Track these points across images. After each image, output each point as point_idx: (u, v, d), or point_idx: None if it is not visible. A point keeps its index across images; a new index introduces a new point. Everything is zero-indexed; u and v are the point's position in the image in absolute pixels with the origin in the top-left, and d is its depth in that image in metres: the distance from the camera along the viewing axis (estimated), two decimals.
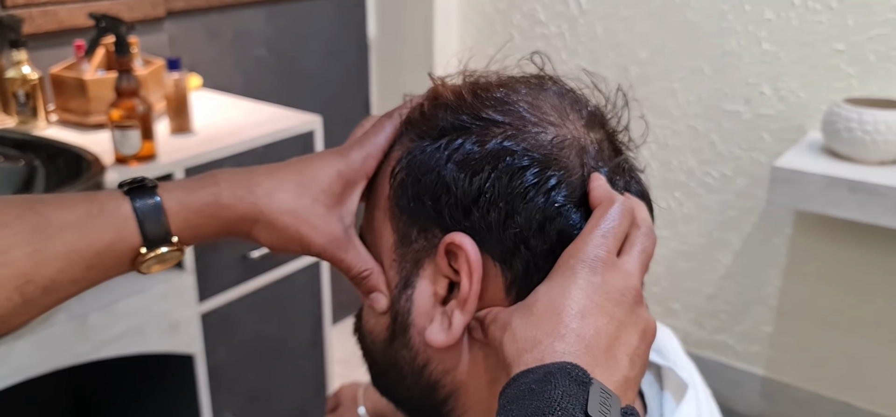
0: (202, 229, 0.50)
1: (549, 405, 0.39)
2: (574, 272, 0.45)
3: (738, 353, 2.13)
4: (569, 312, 0.44)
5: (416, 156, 0.51)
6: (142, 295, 1.30)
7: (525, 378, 0.41)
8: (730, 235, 2.04)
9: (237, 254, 1.46)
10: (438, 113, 0.52)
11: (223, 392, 1.49)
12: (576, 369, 0.41)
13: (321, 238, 0.52)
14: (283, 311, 1.59)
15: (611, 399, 0.41)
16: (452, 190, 0.49)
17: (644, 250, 0.48)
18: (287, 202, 0.51)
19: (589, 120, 0.52)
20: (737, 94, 1.93)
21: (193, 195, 0.50)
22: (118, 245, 0.47)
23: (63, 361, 1.20)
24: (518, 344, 0.44)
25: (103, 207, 0.48)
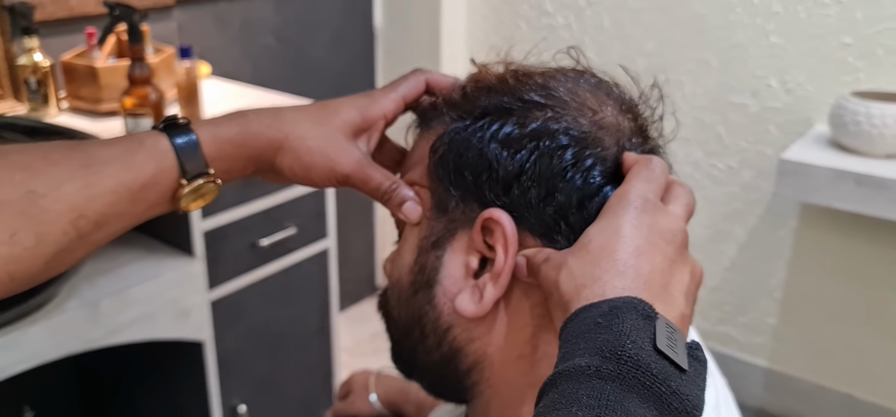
0: (233, 160, 0.53)
1: (620, 338, 0.39)
2: (625, 212, 0.46)
3: (741, 345, 2.14)
4: (624, 249, 0.44)
5: (458, 132, 0.53)
6: (153, 282, 1.31)
7: (589, 312, 0.42)
8: (735, 227, 2.05)
9: (246, 243, 1.47)
10: (480, 95, 0.53)
11: (232, 380, 1.51)
12: (642, 304, 0.41)
13: (345, 159, 0.55)
14: (291, 299, 1.60)
15: (676, 334, 0.41)
16: (494, 166, 0.50)
17: (688, 204, 0.49)
18: (310, 129, 0.55)
19: (624, 108, 0.54)
20: (744, 87, 1.93)
21: (223, 127, 0.53)
22: (159, 177, 0.50)
23: (76, 347, 1.21)
24: (576, 281, 0.44)
25: (143, 143, 0.50)
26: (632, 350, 0.39)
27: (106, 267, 1.32)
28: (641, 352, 0.39)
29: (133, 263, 1.35)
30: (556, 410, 0.38)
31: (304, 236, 1.59)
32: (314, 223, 1.61)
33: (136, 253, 1.38)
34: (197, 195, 0.52)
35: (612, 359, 0.39)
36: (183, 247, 1.39)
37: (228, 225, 1.42)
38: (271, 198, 1.49)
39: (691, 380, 0.40)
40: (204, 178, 0.52)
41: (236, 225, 1.44)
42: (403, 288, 0.56)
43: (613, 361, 0.39)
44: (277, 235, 1.51)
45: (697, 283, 0.47)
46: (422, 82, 0.59)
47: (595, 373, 0.38)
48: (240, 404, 1.54)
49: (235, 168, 0.54)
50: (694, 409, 0.39)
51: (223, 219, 1.41)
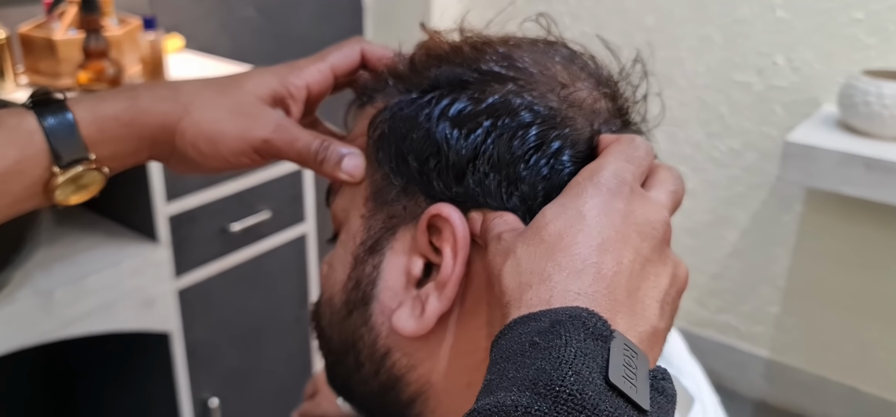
0: (121, 141, 0.44)
1: (559, 367, 0.30)
2: (593, 193, 0.37)
3: (741, 334, 2.06)
4: (586, 241, 0.35)
5: (402, 108, 0.43)
6: (112, 270, 1.22)
7: (525, 326, 0.32)
8: (737, 212, 1.96)
9: (216, 227, 1.38)
10: (431, 65, 0.44)
11: (202, 372, 1.43)
12: (592, 318, 0.32)
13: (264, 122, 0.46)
14: (265, 287, 1.52)
15: (637, 359, 0.32)
16: (444, 150, 0.41)
17: (675, 192, 0.40)
18: (216, 97, 0.46)
19: (601, 86, 0.44)
20: (748, 64, 1.83)
21: (107, 103, 0.44)
22: (25, 165, 0.41)
23: (27, 340, 1.13)
24: (521, 277, 0.35)
25: (2, 123, 0.41)
26: (574, 384, 0.29)
27: (61, 253, 1.23)
28: (587, 387, 0.29)
29: (91, 249, 1.26)
30: None
31: (280, 220, 1.50)
32: (290, 206, 1.52)
33: (94, 238, 1.30)
34: (77, 186, 0.44)
35: (547, 397, 0.29)
36: (146, 232, 1.30)
37: (196, 208, 1.33)
38: (243, 180, 1.40)
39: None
40: (83, 165, 0.43)
41: (205, 208, 1.35)
42: (335, 307, 0.46)
43: (548, 400, 0.29)
44: (250, 219, 1.43)
45: (680, 289, 0.37)
46: (356, 52, 0.49)
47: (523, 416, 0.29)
48: (211, 397, 1.46)
49: (125, 151, 0.45)
50: None
51: (190, 203, 1.32)
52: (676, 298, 0.37)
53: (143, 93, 0.45)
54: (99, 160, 0.44)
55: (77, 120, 0.42)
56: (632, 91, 0.46)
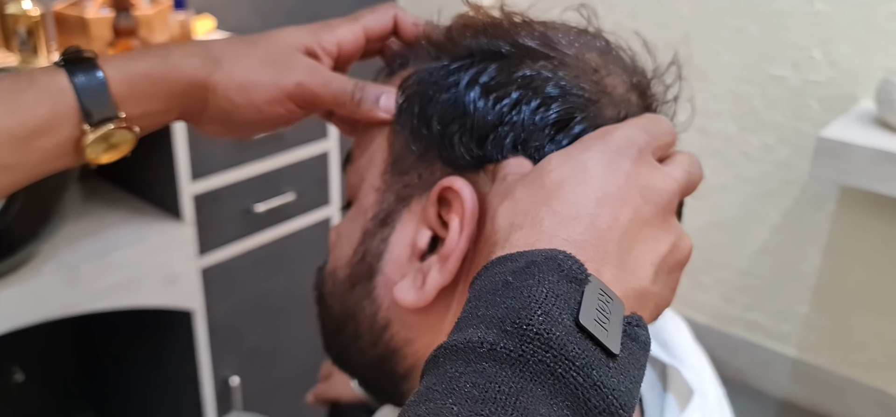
0: (151, 99, 0.44)
1: (528, 306, 0.29)
2: (600, 150, 0.36)
3: (769, 332, 2.02)
4: (585, 192, 0.34)
5: (433, 72, 0.43)
6: (137, 246, 1.24)
7: (502, 266, 0.32)
8: (768, 208, 1.92)
9: (241, 207, 1.40)
10: (467, 36, 0.44)
11: (224, 350, 1.44)
12: (568, 260, 0.32)
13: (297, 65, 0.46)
14: (288, 269, 1.53)
15: (612, 304, 0.31)
16: (469, 113, 0.41)
17: (690, 172, 0.39)
18: (246, 48, 0.46)
19: (633, 81, 0.44)
20: (784, 58, 1.79)
21: (137, 61, 0.44)
22: (55, 123, 0.42)
23: (53, 312, 1.15)
24: (514, 218, 0.35)
25: (34, 80, 0.42)
26: (542, 323, 0.29)
27: (88, 228, 1.26)
28: (555, 327, 0.29)
29: (117, 226, 1.28)
30: (427, 401, 0.28)
31: (304, 203, 1.51)
32: (315, 189, 1.53)
33: (121, 215, 1.32)
34: (107, 144, 0.44)
35: (514, 335, 0.29)
36: (171, 211, 1.32)
37: (221, 188, 1.35)
38: (269, 161, 1.41)
39: (623, 368, 0.30)
40: (113, 123, 0.43)
41: (229, 188, 1.36)
42: (338, 280, 0.47)
43: (515, 337, 0.29)
44: (275, 200, 1.44)
45: (681, 261, 0.37)
46: (389, 17, 0.49)
47: (488, 353, 0.29)
48: (232, 375, 1.47)
49: (155, 109, 0.45)
50: (622, 408, 0.29)
51: (215, 182, 1.33)
52: (675, 269, 0.36)
53: (174, 51, 0.45)
54: (129, 118, 0.44)
55: (107, 77, 0.43)
56: (663, 91, 0.45)
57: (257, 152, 1.39)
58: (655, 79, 0.45)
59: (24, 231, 1.11)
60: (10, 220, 1.07)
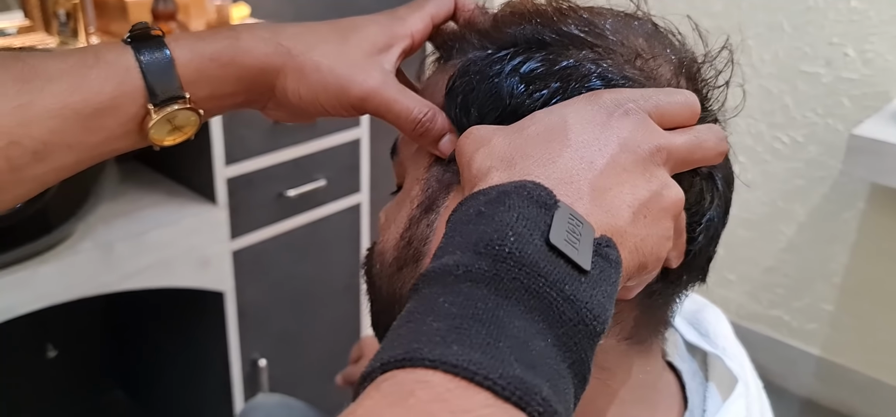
0: (219, 82, 0.43)
1: (500, 229, 0.31)
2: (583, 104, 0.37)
3: (793, 330, 2.01)
4: (560, 139, 0.36)
5: (476, 62, 0.43)
6: (171, 228, 1.26)
7: (475, 199, 0.33)
8: (796, 206, 1.91)
9: (273, 192, 1.41)
10: (513, 23, 0.44)
11: (252, 332, 1.46)
12: (538, 188, 0.33)
13: (364, 77, 0.43)
14: (318, 254, 1.54)
15: (582, 227, 0.32)
16: (506, 103, 0.41)
17: (700, 141, 0.39)
18: (318, 43, 0.44)
19: (681, 65, 0.44)
20: (817, 55, 1.78)
21: (207, 43, 0.43)
22: (120, 101, 0.41)
23: (88, 290, 1.17)
24: (492, 161, 0.36)
25: (100, 56, 0.41)
26: (514, 244, 0.30)
27: (123, 209, 1.27)
28: (527, 247, 0.30)
29: (152, 207, 1.30)
30: (408, 323, 0.29)
31: (335, 189, 1.52)
32: (346, 176, 1.54)
33: (155, 196, 1.34)
34: (172, 126, 0.43)
35: (487, 256, 0.30)
36: (205, 194, 1.33)
37: (254, 172, 1.36)
38: (301, 147, 1.43)
39: (594, 283, 0.31)
40: (178, 104, 0.42)
41: (262, 173, 1.38)
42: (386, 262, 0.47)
43: (488, 258, 0.30)
44: (306, 186, 1.45)
45: (665, 208, 0.36)
46: (451, 2, 0.49)
47: (464, 275, 0.30)
48: (260, 358, 1.49)
49: (222, 92, 0.44)
50: (595, 320, 0.30)
51: (249, 167, 1.35)
52: (662, 217, 0.36)
53: (244, 35, 0.44)
54: (195, 100, 0.43)
55: (174, 57, 0.42)
56: (714, 76, 0.45)
57: (290, 138, 1.40)
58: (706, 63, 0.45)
59: (61, 210, 1.13)
60: (48, 199, 1.09)
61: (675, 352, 0.52)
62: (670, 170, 0.38)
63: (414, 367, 0.27)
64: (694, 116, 0.40)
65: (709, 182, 0.43)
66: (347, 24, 0.46)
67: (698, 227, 0.43)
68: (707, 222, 0.43)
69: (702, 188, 0.43)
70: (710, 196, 0.43)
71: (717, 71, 0.45)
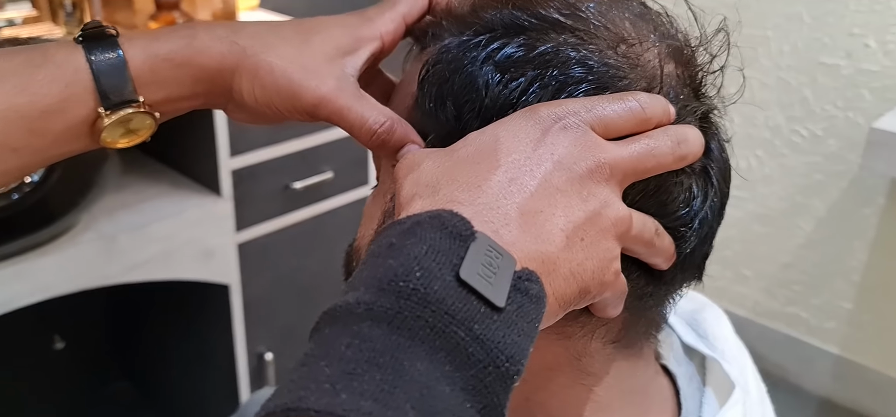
0: (174, 84, 0.41)
1: (406, 264, 0.29)
2: (515, 122, 0.35)
3: (811, 328, 1.97)
4: (489, 161, 0.34)
5: (450, 49, 0.41)
6: (175, 219, 1.24)
7: (390, 229, 0.31)
8: (814, 201, 1.87)
9: (279, 185, 1.39)
10: (490, 6, 0.41)
11: (258, 326, 1.45)
12: (453, 218, 0.31)
13: (317, 83, 0.41)
14: (324, 247, 1.53)
15: (502, 260, 0.30)
16: (481, 94, 0.38)
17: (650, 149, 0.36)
18: (277, 44, 0.41)
19: (672, 49, 0.41)
20: (837, 46, 1.74)
21: (161, 41, 0.40)
22: (68, 104, 0.39)
23: (90, 282, 1.16)
24: (417, 188, 0.34)
25: (48, 56, 0.39)
26: (420, 279, 0.28)
27: (126, 200, 1.26)
28: (433, 282, 0.28)
29: (155, 198, 1.29)
30: (303, 366, 0.27)
31: (342, 182, 1.50)
32: (353, 169, 1.52)
33: (159, 188, 1.33)
34: (126, 129, 0.41)
35: (390, 293, 0.28)
36: (209, 185, 1.32)
37: (259, 164, 1.34)
38: (307, 139, 1.41)
39: (509, 321, 0.29)
40: (132, 107, 0.40)
41: (268, 165, 1.36)
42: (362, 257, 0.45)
43: (391, 295, 0.28)
44: (312, 179, 1.43)
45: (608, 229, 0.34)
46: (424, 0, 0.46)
47: (365, 313, 0.28)
48: (266, 351, 1.48)
49: (178, 95, 0.42)
50: (508, 360, 0.28)
51: (254, 158, 1.33)
52: (600, 237, 0.34)
53: (201, 33, 0.41)
54: (149, 103, 0.41)
55: (127, 59, 0.40)
56: (709, 60, 0.42)
57: (296, 130, 1.38)
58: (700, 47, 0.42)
59: (63, 201, 1.12)
60: (49, 190, 1.08)
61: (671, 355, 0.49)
62: (618, 185, 0.36)
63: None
64: (646, 122, 0.37)
65: (701, 178, 0.41)
66: (311, 26, 0.43)
67: (689, 228, 0.40)
68: (700, 221, 0.41)
69: (692, 186, 0.40)
70: (702, 194, 0.41)
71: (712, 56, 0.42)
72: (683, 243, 0.40)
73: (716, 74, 0.42)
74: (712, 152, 0.41)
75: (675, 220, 0.40)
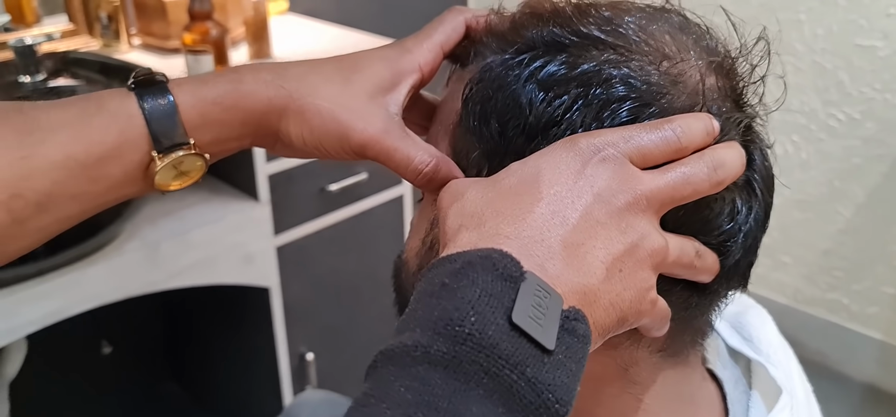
0: (223, 126, 0.42)
1: (461, 307, 0.30)
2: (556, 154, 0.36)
3: (853, 314, 1.95)
4: (532, 193, 0.35)
5: (493, 68, 0.42)
6: (216, 225, 1.27)
7: (441, 268, 0.32)
8: (853, 185, 1.84)
9: (315, 187, 1.41)
10: (531, 24, 0.42)
11: (298, 327, 1.47)
12: (504, 259, 0.32)
13: (364, 125, 0.42)
14: (361, 247, 1.54)
15: (550, 299, 0.31)
16: (525, 112, 0.39)
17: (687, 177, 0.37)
18: (321, 85, 0.43)
19: (713, 62, 0.41)
20: (874, 27, 1.71)
21: (209, 86, 0.42)
22: (124, 149, 0.40)
23: (135, 289, 1.19)
24: (462, 220, 0.35)
25: (103, 105, 0.40)
26: (475, 324, 0.29)
27: (167, 208, 1.29)
28: (488, 327, 0.29)
29: (196, 205, 1.31)
30: (363, 407, 0.29)
31: (377, 182, 1.52)
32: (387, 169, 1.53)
33: (199, 194, 1.35)
34: (177, 172, 0.42)
35: (447, 337, 0.29)
36: (248, 191, 1.34)
37: (295, 168, 1.37)
38: None
39: (558, 363, 0.30)
40: (183, 150, 0.41)
41: (304, 168, 1.38)
42: (410, 271, 0.46)
43: (448, 339, 0.29)
44: (347, 180, 1.45)
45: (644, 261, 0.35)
46: (460, 24, 0.47)
47: (422, 356, 0.29)
48: (307, 352, 1.50)
49: (226, 136, 0.43)
50: (557, 402, 0.29)
51: (290, 163, 1.35)
52: (637, 268, 0.35)
53: (247, 77, 0.43)
54: (199, 145, 0.42)
55: (178, 103, 0.41)
56: (750, 70, 0.42)
57: None
58: (740, 57, 0.42)
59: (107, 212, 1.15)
60: None
61: (716, 359, 0.50)
62: (654, 215, 0.37)
63: None
64: (683, 150, 0.38)
65: (745, 191, 0.41)
66: (352, 63, 0.44)
67: (734, 241, 0.41)
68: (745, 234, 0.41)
69: (736, 199, 0.41)
70: (746, 207, 0.41)
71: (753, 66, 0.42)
72: (728, 257, 0.41)
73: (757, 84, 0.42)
74: (755, 162, 0.42)
75: (719, 236, 0.40)
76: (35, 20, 1.46)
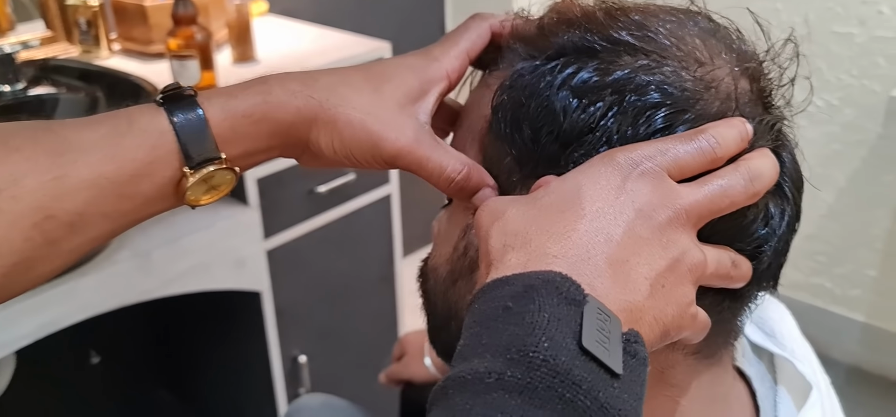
0: (252, 139, 0.42)
1: (532, 332, 0.30)
2: (596, 169, 0.36)
3: (836, 297, 1.98)
4: (575, 210, 0.35)
5: (523, 75, 0.42)
6: (206, 232, 1.26)
7: (499, 290, 0.32)
8: (833, 171, 1.87)
9: (304, 189, 1.41)
10: (560, 30, 0.42)
11: (291, 330, 1.46)
12: (566, 283, 0.32)
13: (396, 135, 0.42)
14: (351, 247, 1.54)
15: (610, 322, 0.31)
16: (559, 119, 0.39)
17: (724, 190, 0.37)
18: (351, 95, 0.42)
19: (744, 66, 0.41)
20: (850, 15, 1.73)
21: (238, 99, 0.41)
22: (155, 167, 0.40)
23: (129, 298, 1.18)
24: (506, 239, 0.35)
25: (133, 122, 0.40)
26: (547, 350, 0.29)
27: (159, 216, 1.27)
28: (560, 353, 0.29)
29: (186, 212, 1.29)
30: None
31: (365, 182, 1.51)
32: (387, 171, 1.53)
33: None
34: (208, 186, 0.42)
35: (521, 363, 0.29)
36: (237, 196, 1.33)
37: (284, 171, 1.36)
38: None
39: (626, 387, 0.30)
40: (214, 165, 0.41)
41: (292, 171, 1.37)
42: (440, 277, 0.46)
43: (522, 365, 0.29)
44: (335, 181, 1.44)
45: (685, 276, 0.35)
46: (485, 30, 0.47)
47: (496, 383, 0.29)
48: (300, 354, 1.50)
49: (256, 149, 0.43)
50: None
51: (278, 165, 1.34)
52: (678, 283, 0.35)
53: (275, 88, 0.42)
54: (229, 158, 0.42)
55: (208, 118, 0.41)
56: (779, 73, 0.43)
57: None
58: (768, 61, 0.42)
59: None
60: None
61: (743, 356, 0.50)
62: (693, 228, 0.37)
63: None
64: (719, 160, 0.38)
65: (778, 196, 0.41)
66: (380, 72, 0.44)
67: (768, 247, 0.41)
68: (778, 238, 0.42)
69: (769, 205, 0.41)
70: (779, 210, 0.42)
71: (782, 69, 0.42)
72: (761, 261, 0.41)
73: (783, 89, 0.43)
74: (785, 165, 0.42)
75: (753, 241, 0.41)
76: (9, 27, 1.44)
